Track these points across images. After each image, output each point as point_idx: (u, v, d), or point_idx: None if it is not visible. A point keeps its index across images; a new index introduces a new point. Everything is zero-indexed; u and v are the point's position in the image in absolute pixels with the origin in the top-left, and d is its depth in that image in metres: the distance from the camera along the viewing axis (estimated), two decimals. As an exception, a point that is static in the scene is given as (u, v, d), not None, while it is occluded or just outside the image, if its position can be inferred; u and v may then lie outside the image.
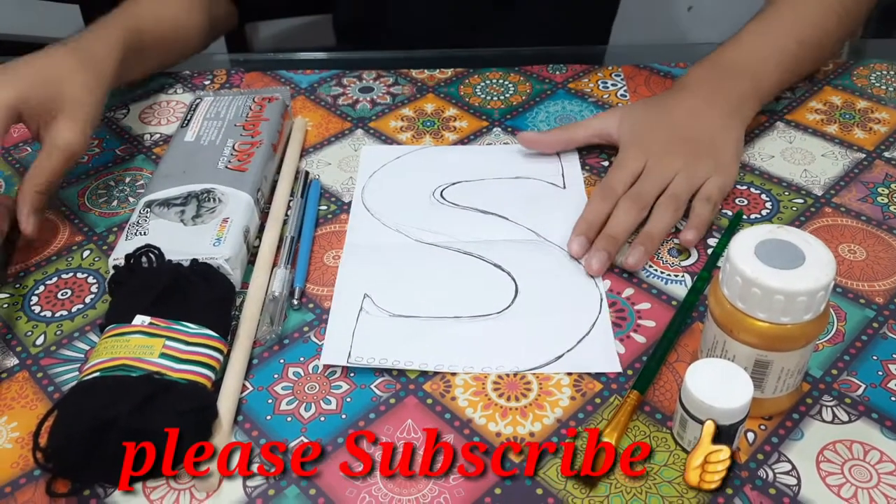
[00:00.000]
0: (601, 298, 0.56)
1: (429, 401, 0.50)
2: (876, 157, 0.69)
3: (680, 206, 0.61)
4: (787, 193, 0.66)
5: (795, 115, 0.75)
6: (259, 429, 0.49)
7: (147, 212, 0.60)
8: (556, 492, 0.45)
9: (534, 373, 0.51)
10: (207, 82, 0.83)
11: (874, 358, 0.52)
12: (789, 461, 0.46)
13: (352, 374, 0.52)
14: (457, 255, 0.61)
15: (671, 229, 0.61)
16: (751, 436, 0.47)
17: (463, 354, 0.53)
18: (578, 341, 0.53)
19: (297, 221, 0.63)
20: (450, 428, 0.48)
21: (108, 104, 0.70)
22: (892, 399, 0.49)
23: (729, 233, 0.61)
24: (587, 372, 0.51)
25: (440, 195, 0.67)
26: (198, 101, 0.73)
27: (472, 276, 0.59)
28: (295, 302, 0.57)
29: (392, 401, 0.50)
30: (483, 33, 0.94)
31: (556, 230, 0.62)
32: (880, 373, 0.51)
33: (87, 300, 0.58)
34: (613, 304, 0.56)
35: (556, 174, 0.69)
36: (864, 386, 0.50)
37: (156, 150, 0.74)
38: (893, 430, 0.47)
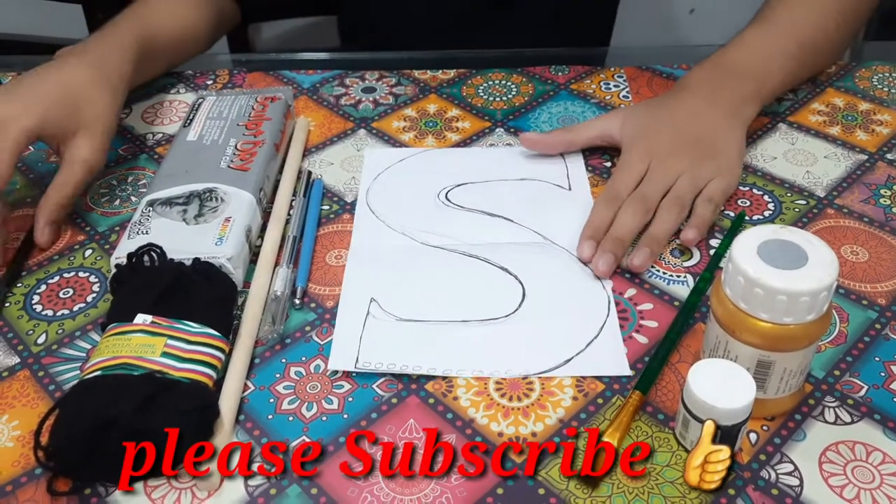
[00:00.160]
0: (609, 301, 0.56)
1: (431, 401, 0.50)
2: (878, 158, 0.69)
3: (684, 207, 0.61)
4: (789, 195, 0.66)
5: (798, 116, 0.75)
6: (261, 428, 0.49)
7: (149, 211, 0.60)
8: (559, 492, 0.45)
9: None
10: (210, 82, 0.83)
11: (877, 359, 0.52)
12: (792, 462, 0.46)
13: (353, 374, 0.52)
14: (463, 257, 0.60)
15: (675, 230, 0.61)
16: (753, 436, 0.47)
17: (471, 359, 0.52)
18: (587, 345, 0.53)
19: (299, 221, 0.63)
20: (452, 428, 0.48)
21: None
22: (895, 400, 0.49)
23: (731, 233, 0.61)
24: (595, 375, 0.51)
25: (445, 197, 0.67)
26: (200, 100, 0.73)
27: (478, 279, 0.58)
28: (297, 301, 0.57)
29: (394, 400, 0.50)
30: (483, 33, 0.94)
31: (562, 232, 0.62)
32: (883, 374, 0.51)
33: (89, 299, 0.58)
34: (616, 304, 0.56)
35: (562, 176, 0.69)
36: (866, 387, 0.50)
37: (158, 150, 0.74)
38: (896, 431, 0.47)
